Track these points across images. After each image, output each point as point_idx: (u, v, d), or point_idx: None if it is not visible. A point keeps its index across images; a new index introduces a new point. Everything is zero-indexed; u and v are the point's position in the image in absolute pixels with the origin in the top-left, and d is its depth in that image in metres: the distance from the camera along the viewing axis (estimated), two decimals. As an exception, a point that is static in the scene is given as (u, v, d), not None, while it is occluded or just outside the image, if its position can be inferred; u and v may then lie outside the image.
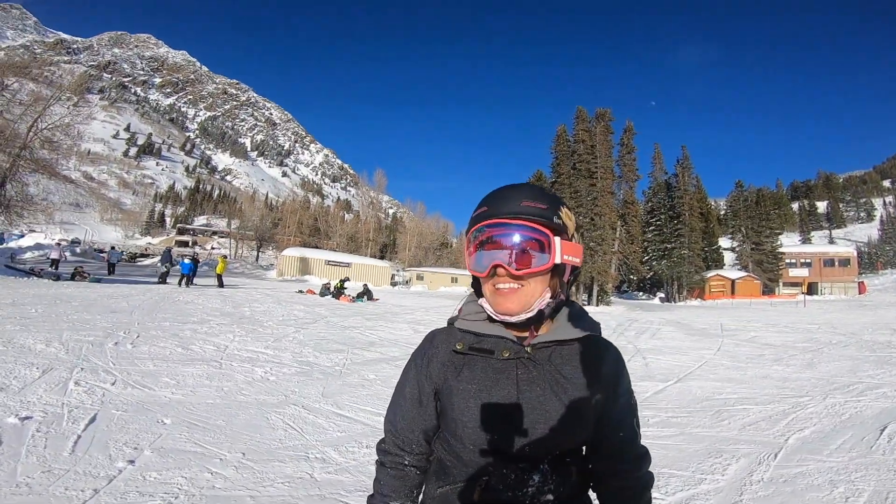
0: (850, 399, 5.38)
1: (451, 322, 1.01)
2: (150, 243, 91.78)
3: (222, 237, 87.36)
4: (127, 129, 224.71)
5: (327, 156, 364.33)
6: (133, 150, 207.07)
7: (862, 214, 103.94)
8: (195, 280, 19.88)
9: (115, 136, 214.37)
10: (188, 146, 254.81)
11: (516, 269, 0.86)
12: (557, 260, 0.87)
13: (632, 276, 46.65)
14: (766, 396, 5.61)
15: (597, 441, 0.95)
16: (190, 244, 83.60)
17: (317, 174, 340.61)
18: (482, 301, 0.94)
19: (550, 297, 0.91)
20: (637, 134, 39.31)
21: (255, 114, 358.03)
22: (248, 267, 50.47)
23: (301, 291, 21.75)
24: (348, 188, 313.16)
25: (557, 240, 0.88)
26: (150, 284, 17.77)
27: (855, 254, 50.19)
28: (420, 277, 45.06)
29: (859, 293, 43.14)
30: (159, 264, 21.37)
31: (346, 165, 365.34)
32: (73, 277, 16.94)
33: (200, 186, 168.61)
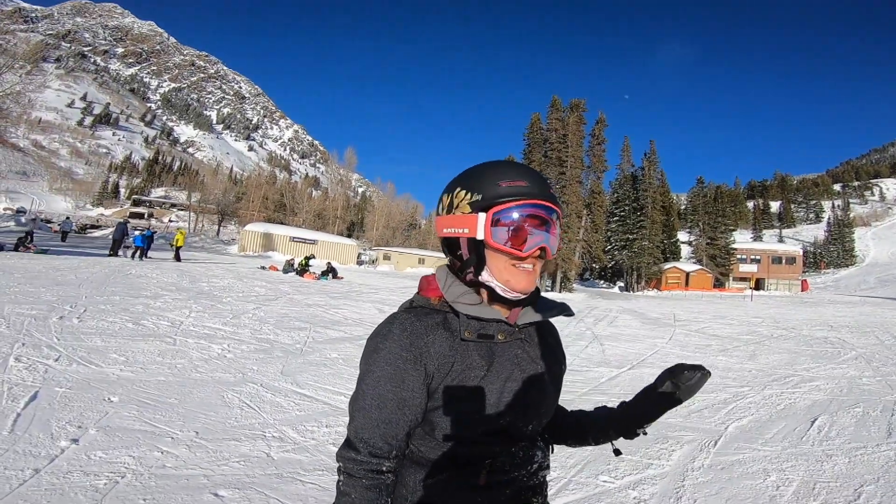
0: (786, 390, 5.73)
1: (417, 304, 0.92)
2: (102, 214, 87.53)
3: (181, 210, 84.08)
4: (83, 98, 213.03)
5: (297, 131, 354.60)
6: (88, 120, 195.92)
7: (811, 216, 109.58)
8: (150, 254, 19.13)
9: (70, 105, 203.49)
10: (148, 117, 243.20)
11: (553, 252, 0.89)
12: None
13: (594, 265, 47.88)
14: (710, 385, 5.90)
15: None
16: (145, 216, 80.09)
17: (285, 150, 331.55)
18: (486, 278, 0.88)
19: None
20: (608, 126, 39.99)
21: (224, 87, 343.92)
22: (208, 241, 48.80)
23: (263, 268, 21.26)
24: (317, 165, 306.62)
25: None
26: (99, 257, 16.97)
27: (801, 253, 53.16)
28: (387, 257, 44.76)
29: (802, 290, 45.88)
30: (111, 236, 20.58)
31: (316, 142, 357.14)
32: (16, 248, 15.94)
33: (160, 158, 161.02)
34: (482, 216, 0.85)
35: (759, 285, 48.48)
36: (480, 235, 0.85)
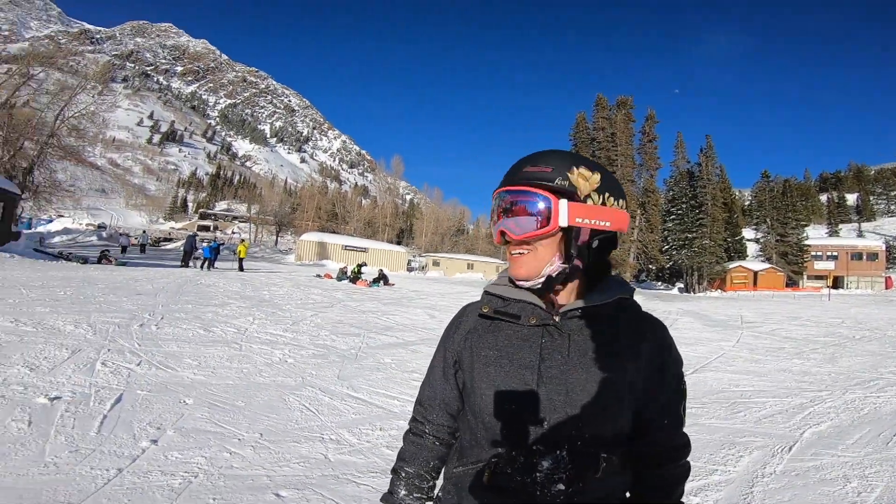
0: (870, 395, 5.28)
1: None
2: (173, 228, 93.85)
3: (242, 222, 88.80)
4: (150, 116, 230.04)
5: (345, 142, 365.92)
6: (156, 138, 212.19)
7: (893, 208, 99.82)
8: (216, 264, 20.30)
9: (139, 124, 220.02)
10: (209, 133, 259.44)
11: (516, 235, 0.85)
12: (563, 223, 0.82)
13: (650, 266, 46.01)
14: (783, 390, 5.53)
15: (638, 426, 0.88)
16: (211, 229, 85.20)
17: (335, 160, 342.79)
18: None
19: (563, 263, 0.86)
20: (659, 122, 38.68)
21: (274, 101, 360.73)
22: (267, 251, 51.24)
23: (319, 276, 21.97)
24: (366, 174, 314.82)
25: (564, 202, 0.83)
26: (173, 268, 18.16)
27: (884, 248, 48.47)
28: (436, 263, 45.12)
29: (886, 288, 41.86)
30: (182, 248, 22.31)
31: (363, 151, 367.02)
32: (99, 261, 17.45)
33: (221, 172, 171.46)
34: None
35: (837, 283, 44.74)
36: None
